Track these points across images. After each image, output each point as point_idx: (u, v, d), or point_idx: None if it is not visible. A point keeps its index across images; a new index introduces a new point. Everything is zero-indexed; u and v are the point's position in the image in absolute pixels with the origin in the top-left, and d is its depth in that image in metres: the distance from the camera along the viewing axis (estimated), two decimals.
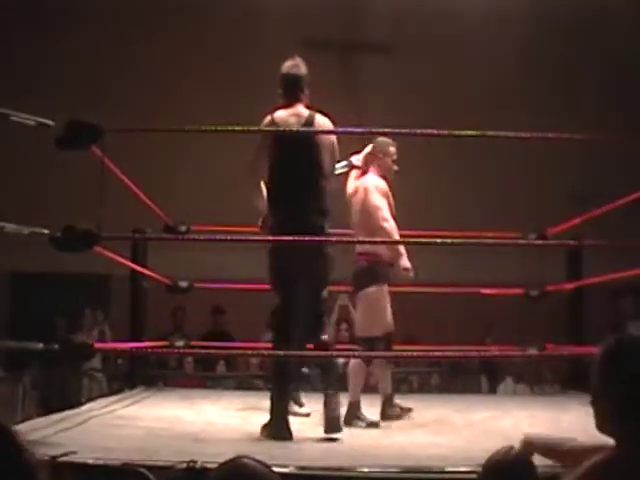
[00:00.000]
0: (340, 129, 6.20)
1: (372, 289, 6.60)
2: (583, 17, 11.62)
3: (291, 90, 5.97)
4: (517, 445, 2.95)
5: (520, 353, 8.01)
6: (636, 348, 2.63)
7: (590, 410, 2.67)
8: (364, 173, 6.84)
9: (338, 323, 10.11)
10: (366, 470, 4.30)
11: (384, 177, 6.79)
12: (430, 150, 10.43)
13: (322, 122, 5.92)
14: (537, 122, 10.84)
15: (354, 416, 6.29)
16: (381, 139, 6.84)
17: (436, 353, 7.97)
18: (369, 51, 12.21)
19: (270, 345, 6.11)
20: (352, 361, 6.67)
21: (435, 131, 6.18)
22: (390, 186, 6.76)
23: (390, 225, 6.50)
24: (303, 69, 6.04)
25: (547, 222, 7.95)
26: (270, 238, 5.83)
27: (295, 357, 5.90)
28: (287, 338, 5.72)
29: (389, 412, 6.64)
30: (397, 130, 6.37)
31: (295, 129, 5.88)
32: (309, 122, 5.88)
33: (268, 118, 5.93)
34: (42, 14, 11.86)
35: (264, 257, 5.89)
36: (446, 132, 6.35)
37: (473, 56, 11.89)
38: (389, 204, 6.65)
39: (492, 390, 10.29)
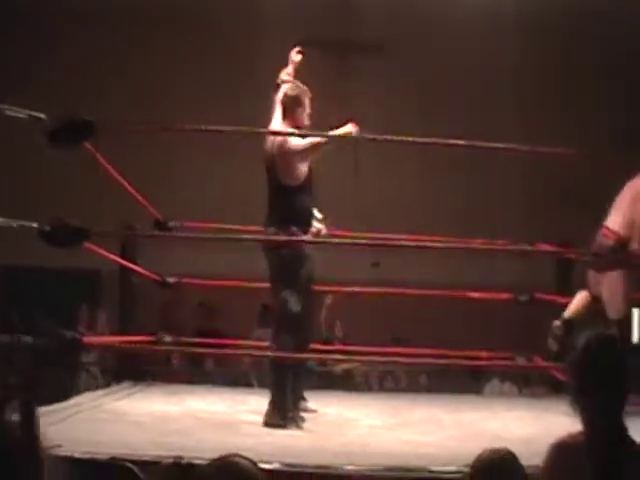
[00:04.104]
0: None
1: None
2: (579, 16, 11.61)
3: None
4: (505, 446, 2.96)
5: (508, 363, 8.06)
6: (607, 346, 2.88)
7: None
8: None
9: (328, 322, 10.15)
10: (353, 468, 4.31)
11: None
12: (424, 154, 10.43)
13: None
14: (530, 125, 10.93)
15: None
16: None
17: (423, 360, 7.97)
18: (364, 51, 12.21)
19: (262, 342, 6.20)
20: None
21: (427, 139, 6.19)
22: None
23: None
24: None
25: (539, 227, 7.97)
26: (256, 237, 5.93)
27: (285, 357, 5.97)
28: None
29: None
30: (391, 137, 6.37)
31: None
32: None
33: None
34: (41, 14, 11.84)
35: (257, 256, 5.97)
36: (435, 140, 6.35)
37: (468, 57, 11.89)
38: None
39: (478, 390, 10.29)
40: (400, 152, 10.30)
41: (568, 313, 7.10)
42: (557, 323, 7.07)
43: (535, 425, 6.36)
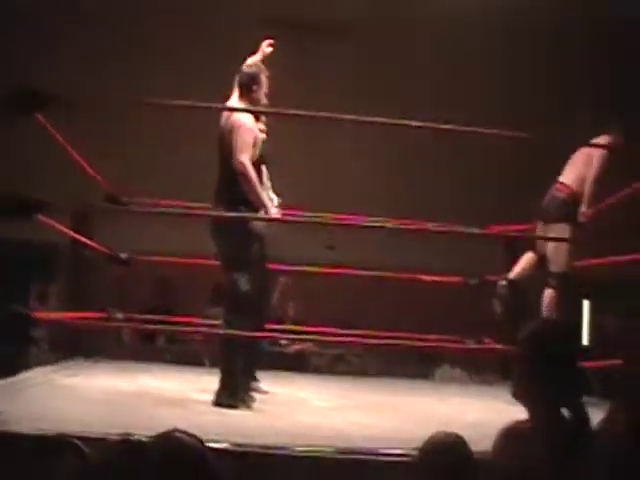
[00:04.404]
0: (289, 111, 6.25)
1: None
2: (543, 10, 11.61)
3: None
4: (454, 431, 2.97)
5: (458, 346, 8.10)
6: (550, 332, 2.96)
7: None
8: None
9: (280, 303, 10.15)
10: (302, 449, 4.31)
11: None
12: (381, 136, 10.41)
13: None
14: (495, 108, 10.95)
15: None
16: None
17: (372, 341, 7.97)
18: (322, 33, 12.14)
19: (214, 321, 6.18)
20: None
21: (385, 120, 6.17)
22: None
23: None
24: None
25: (492, 210, 8.00)
26: (207, 212, 5.93)
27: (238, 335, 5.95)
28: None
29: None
30: (350, 116, 6.35)
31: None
32: None
33: None
34: None
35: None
36: (384, 120, 6.32)
37: (427, 42, 11.86)
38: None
39: (429, 375, 10.34)
40: (357, 133, 10.28)
41: (513, 274, 7.19)
42: (502, 283, 7.15)
43: (484, 411, 6.40)
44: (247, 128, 6.06)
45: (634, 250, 6.31)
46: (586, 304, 12.04)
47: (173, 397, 6.23)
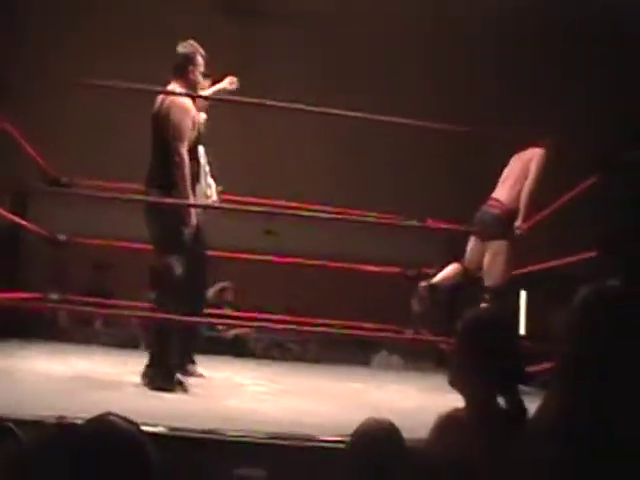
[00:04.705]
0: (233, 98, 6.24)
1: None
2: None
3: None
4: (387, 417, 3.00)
5: (394, 335, 8.17)
6: (487, 321, 2.99)
7: None
8: None
9: (218, 288, 10.14)
10: (237, 434, 4.32)
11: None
12: (326, 124, 10.41)
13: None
14: (444, 97, 10.99)
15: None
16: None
17: (310, 328, 8.02)
18: (268, 19, 12.10)
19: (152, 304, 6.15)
20: None
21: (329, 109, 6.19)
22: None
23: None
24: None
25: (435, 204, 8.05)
26: (145, 197, 5.92)
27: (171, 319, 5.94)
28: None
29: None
30: (281, 103, 6.37)
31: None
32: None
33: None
34: None
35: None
36: (325, 110, 6.36)
37: (373, 32, 11.84)
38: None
39: (366, 361, 10.39)
40: (300, 121, 10.27)
41: (436, 279, 7.25)
42: (423, 284, 7.22)
43: (419, 398, 6.46)
44: (184, 108, 6.01)
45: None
46: (523, 294, 12.15)
47: (109, 380, 6.21)
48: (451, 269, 7.28)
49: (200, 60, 6.17)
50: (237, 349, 9.68)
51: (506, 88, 11.42)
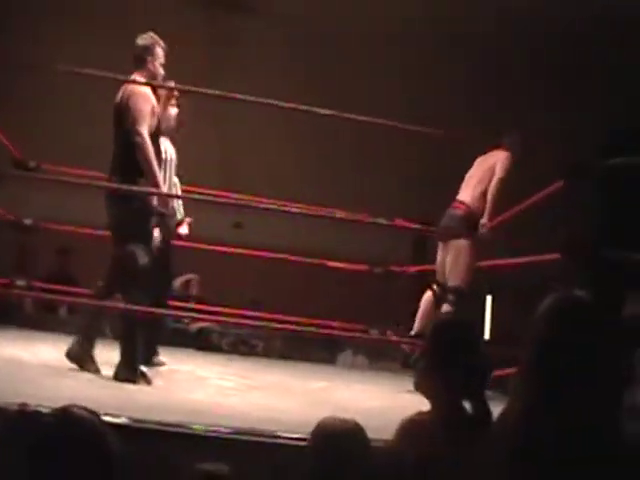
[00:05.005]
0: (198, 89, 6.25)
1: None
2: None
3: None
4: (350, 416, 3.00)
5: (359, 335, 8.20)
6: (452, 326, 3.05)
7: None
8: None
9: (184, 280, 10.13)
10: (201, 427, 4.31)
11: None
12: (294, 119, 10.39)
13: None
14: (414, 96, 11.01)
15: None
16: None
17: (275, 325, 8.00)
18: (237, 11, 12.04)
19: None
20: None
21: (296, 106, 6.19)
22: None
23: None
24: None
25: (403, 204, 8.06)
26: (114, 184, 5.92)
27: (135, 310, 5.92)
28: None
29: None
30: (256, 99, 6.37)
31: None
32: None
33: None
34: None
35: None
36: (292, 105, 6.36)
37: (346, 26, 11.81)
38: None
39: (332, 361, 10.40)
40: (270, 115, 10.26)
41: (414, 329, 7.20)
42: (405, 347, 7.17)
43: (382, 399, 6.47)
44: (144, 97, 6.00)
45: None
46: (489, 299, 12.21)
47: (72, 368, 6.16)
48: (422, 313, 7.23)
49: (159, 52, 6.16)
50: (201, 342, 9.66)
51: (479, 90, 11.46)
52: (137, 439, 4.04)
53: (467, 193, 7.16)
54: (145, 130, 5.89)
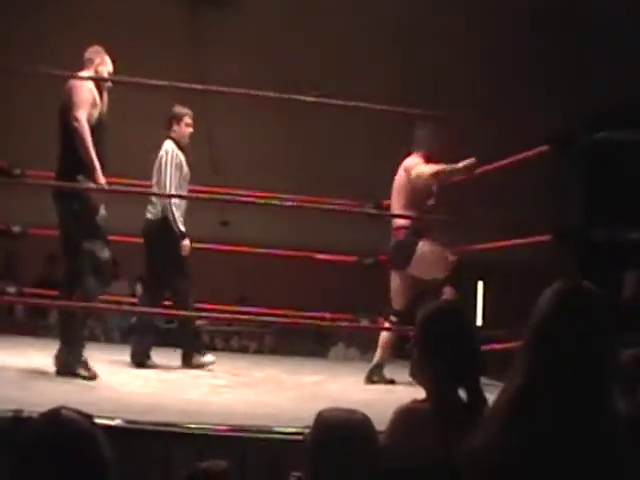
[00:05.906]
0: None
1: None
2: None
3: None
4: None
5: (350, 324, 8.19)
6: (444, 313, 3.03)
7: None
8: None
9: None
10: (193, 426, 4.32)
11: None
12: (277, 111, 10.36)
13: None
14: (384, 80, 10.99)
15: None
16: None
17: (268, 319, 8.01)
18: (214, 5, 11.98)
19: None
20: None
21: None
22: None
23: None
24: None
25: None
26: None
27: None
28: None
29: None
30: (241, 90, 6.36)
31: None
32: None
33: None
34: None
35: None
36: (271, 95, 6.37)
37: (322, 20, 11.78)
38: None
39: (324, 354, 10.41)
40: (252, 108, 10.24)
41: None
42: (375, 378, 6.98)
43: (375, 390, 6.47)
44: (85, 87, 6.02)
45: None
46: (480, 284, 12.23)
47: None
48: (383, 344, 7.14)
49: (106, 59, 6.23)
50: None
51: (469, 73, 11.46)
52: (133, 441, 4.05)
53: (398, 208, 6.87)
54: (84, 116, 5.91)
